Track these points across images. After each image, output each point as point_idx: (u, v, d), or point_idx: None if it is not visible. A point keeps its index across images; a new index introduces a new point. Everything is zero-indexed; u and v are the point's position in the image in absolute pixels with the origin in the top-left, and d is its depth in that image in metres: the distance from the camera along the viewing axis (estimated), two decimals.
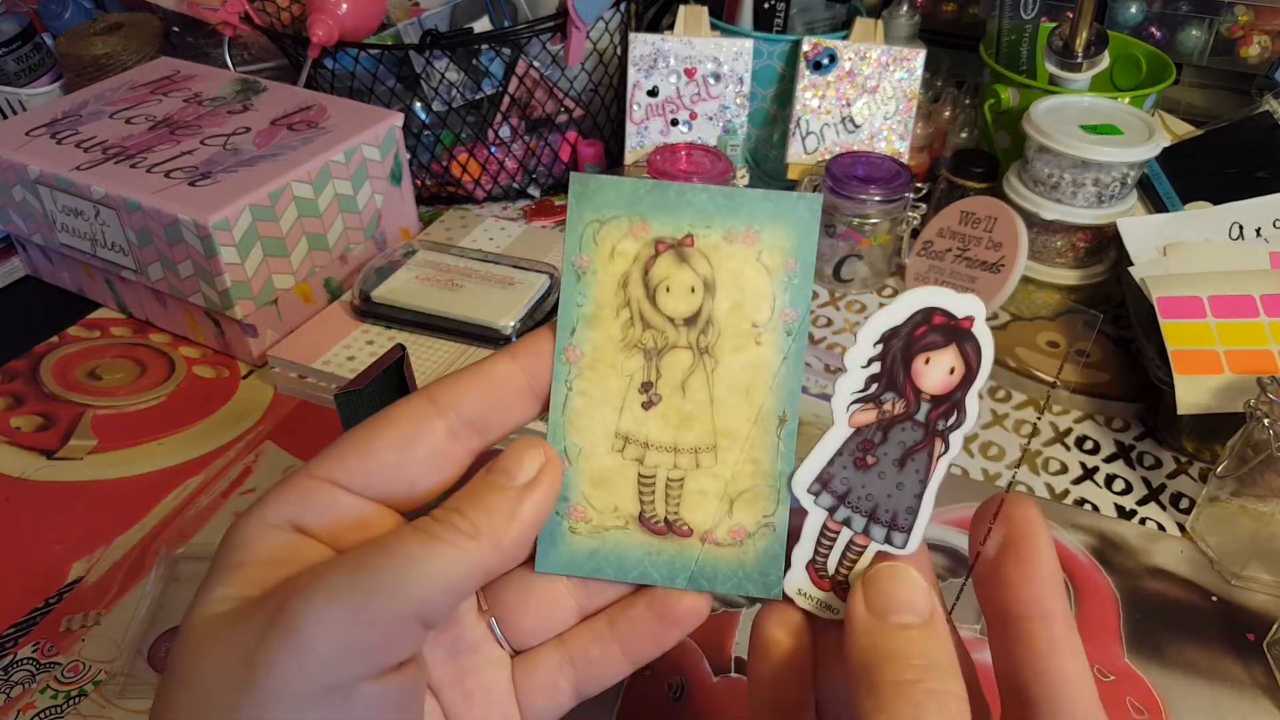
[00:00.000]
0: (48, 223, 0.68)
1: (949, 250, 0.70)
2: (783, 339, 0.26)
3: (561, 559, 0.27)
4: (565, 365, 0.27)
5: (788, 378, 0.27)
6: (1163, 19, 0.85)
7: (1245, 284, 0.58)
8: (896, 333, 0.25)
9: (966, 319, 0.25)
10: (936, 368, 0.25)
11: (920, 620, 0.24)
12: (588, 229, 0.26)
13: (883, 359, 0.26)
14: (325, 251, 0.68)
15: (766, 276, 0.26)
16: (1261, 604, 0.50)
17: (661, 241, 0.26)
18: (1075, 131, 0.65)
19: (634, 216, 0.26)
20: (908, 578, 0.25)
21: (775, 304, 0.26)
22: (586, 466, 0.27)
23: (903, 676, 0.23)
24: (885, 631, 0.24)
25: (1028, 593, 0.25)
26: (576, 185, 0.26)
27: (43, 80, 0.87)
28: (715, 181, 0.71)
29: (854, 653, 0.24)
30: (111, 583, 0.51)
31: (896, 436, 0.26)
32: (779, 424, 0.27)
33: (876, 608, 0.25)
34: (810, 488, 0.26)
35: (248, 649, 0.22)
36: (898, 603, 0.25)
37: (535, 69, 0.79)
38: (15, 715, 0.45)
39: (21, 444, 0.60)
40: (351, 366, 0.60)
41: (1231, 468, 0.51)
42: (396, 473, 0.25)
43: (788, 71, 0.78)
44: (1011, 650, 0.25)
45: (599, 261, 0.26)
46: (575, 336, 0.27)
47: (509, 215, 0.83)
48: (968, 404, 0.25)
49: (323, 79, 0.79)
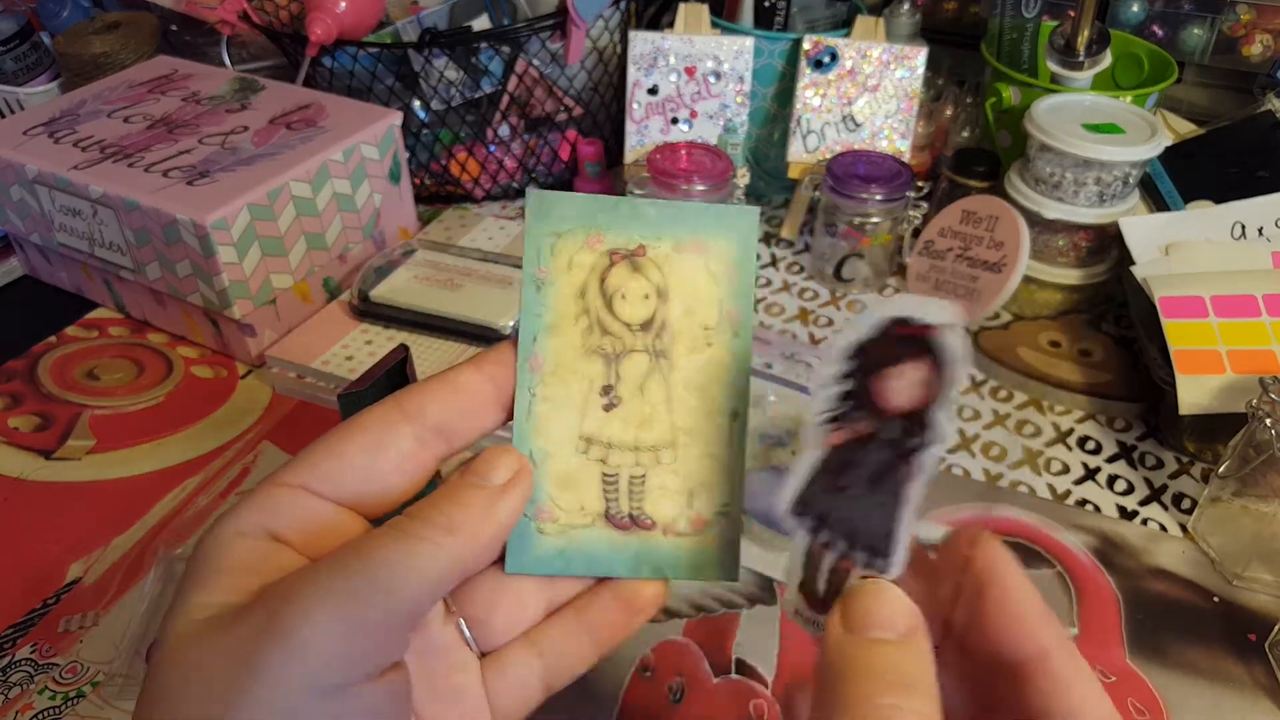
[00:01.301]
0: (46, 222, 0.68)
1: (950, 249, 0.70)
2: (731, 339, 0.28)
3: (531, 559, 0.28)
4: (529, 373, 0.28)
5: (738, 376, 0.28)
6: (1165, 18, 0.85)
7: (1247, 283, 0.57)
8: (865, 349, 0.24)
9: (936, 330, 0.24)
10: (906, 383, 0.24)
11: (897, 637, 0.23)
12: (545, 242, 0.28)
13: (852, 376, 0.25)
14: (324, 251, 0.67)
15: (714, 283, 0.28)
16: (1263, 604, 0.50)
17: (616, 252, 0.28)
18: (1077, 130, 0.65)
19: (589, 229, 0.28)
20: (888, 595, 0.24)
21: (722, 308, 0.28)
22: (552, 469, 0.28)
23: (873, 692, 0.22)
24: (859, 646, 0.23)
25: (1015, 635, 0.24)
26: (533, 201, 0.28)
27: (41, 79, 0.87)
28: (716, 180, 0.71)
29: (824, 666, 0.24)
30: (110, 583, 0.51)
31: (869, 457, 0.25)
32: (732, 419, 0.28)
33: (852, 623, 0.24)
34: (793, 510, 0.26)
35: (240, 655, 0.22)
36: (875, 619, 0.24)
37: (535, 67, 0.79)
38: (14, 716, 0.45)
39: (19, 444, 0.60)
40: (350, 366, 0.60)
41: (1233, 468, 0.51)
42: (366, 476, 0.26)
43: (788, 70, 0.77)
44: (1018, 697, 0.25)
45: (557, 272, 0.28)
46: (537, 344, 0.28)
47: (508, 214, 0.83)
48: (940, 420, 0.24)
49: (321, 78, 0.79)
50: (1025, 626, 0.25)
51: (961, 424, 0.61)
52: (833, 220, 0.72)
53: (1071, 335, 0.68)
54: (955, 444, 0.60)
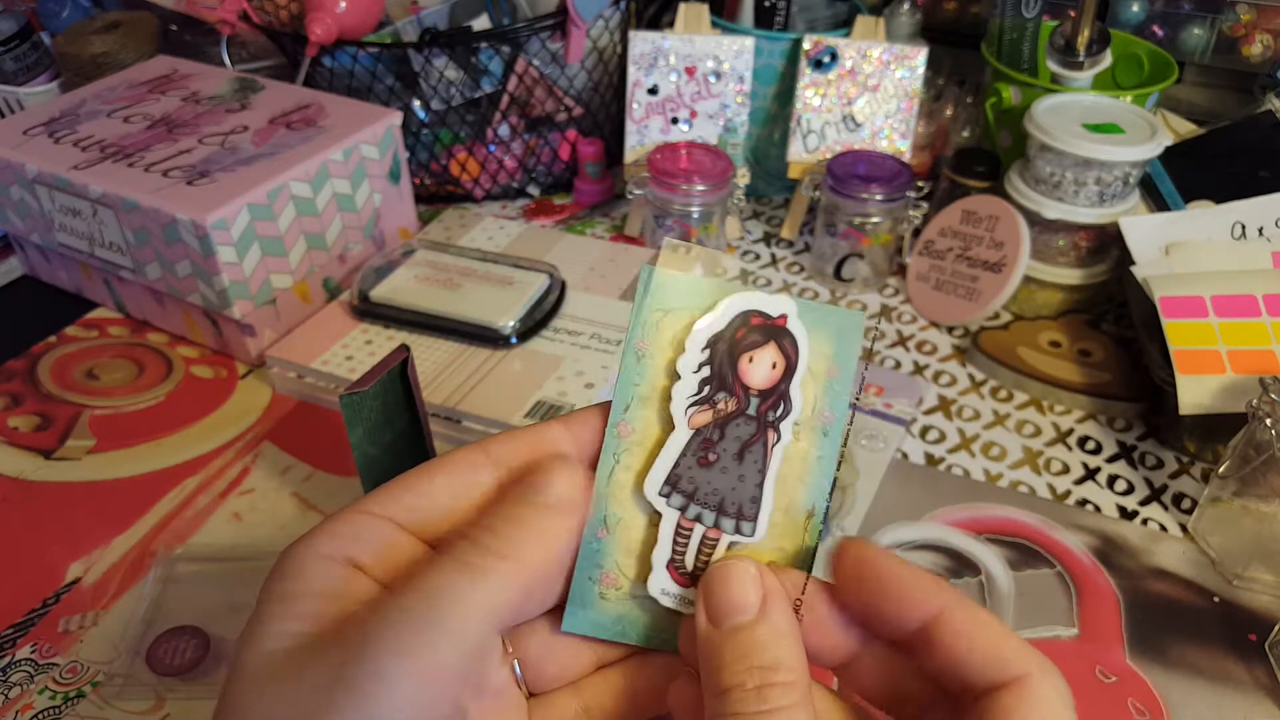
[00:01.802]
0: (45, 222, 0.68)
1: (950, 249, 0.70)
2: (820, 438, 0.28)
3: (589, 622, 0.28)
4: (616, 439, 0.28)
5: (820, 476, 0.28)
6: (1165, 18, 0.85)
7: (1248, 283, 0.57)
8: (721, 336, 0.28)
9: (781, 317, 0.28)
10: (760, 364, 0.28)
11: (752, 616, 0.25)
12: (652, 317, 0.28)
13: (711, 362, 0.28)
14: (324, 251, 0.67)
15: (810, 379, 0.28)
16: (1264, 605, 0.50)
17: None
18: (1077, 130, 0.65)
19: (698, 310, 0.28)
20: (735, 574, 0.26)
21: (816, 405, 0.28)
22: (624, 537, 0.28)
23: (743, 678, 0.24)
24: (723, 635, 0.25)
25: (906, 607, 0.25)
26: (646, 277, 0.28)
27: (40, 79, 0.87)
28: (715, 180, 0.71)
29: (700, 659, 0.25)
30: (109, 583, 0.51)
31: (733, 432, 0.28)
32: (807, 517, 0.28)
33: (714, 615, 0.26)
34: (660, 490, 0.28)
35: (314, 704, 0.22)
36: (731, 605, 0.25)
37: (535, 67, 0.79)
38: (14, 716, 0.45)
39: (19, 444, 0.60)
40: (350, 366, 0.60)
41: (1234, 468, 0.51)
42: (448, 515, 0.26)
43: (789, 70, 0.77)
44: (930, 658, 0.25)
45: (658, 348, 0.28)
46: (629, 413, 0.28)
47: (508, 214, 0.83)
48: (792, 394, 0.28)
49: (321, 77, 0.79)
50: (914, 595, 0.25)
51: (961, 424, 0.61)
52: (833, 220, 0.72)
53: (1071, 335, 0.68)
54: (955, 444, 0.60)
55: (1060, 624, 0.49)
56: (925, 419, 0.62)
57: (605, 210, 0.83)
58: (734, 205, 0.74)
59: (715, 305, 0.28)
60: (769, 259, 0.78)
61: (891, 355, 0.67)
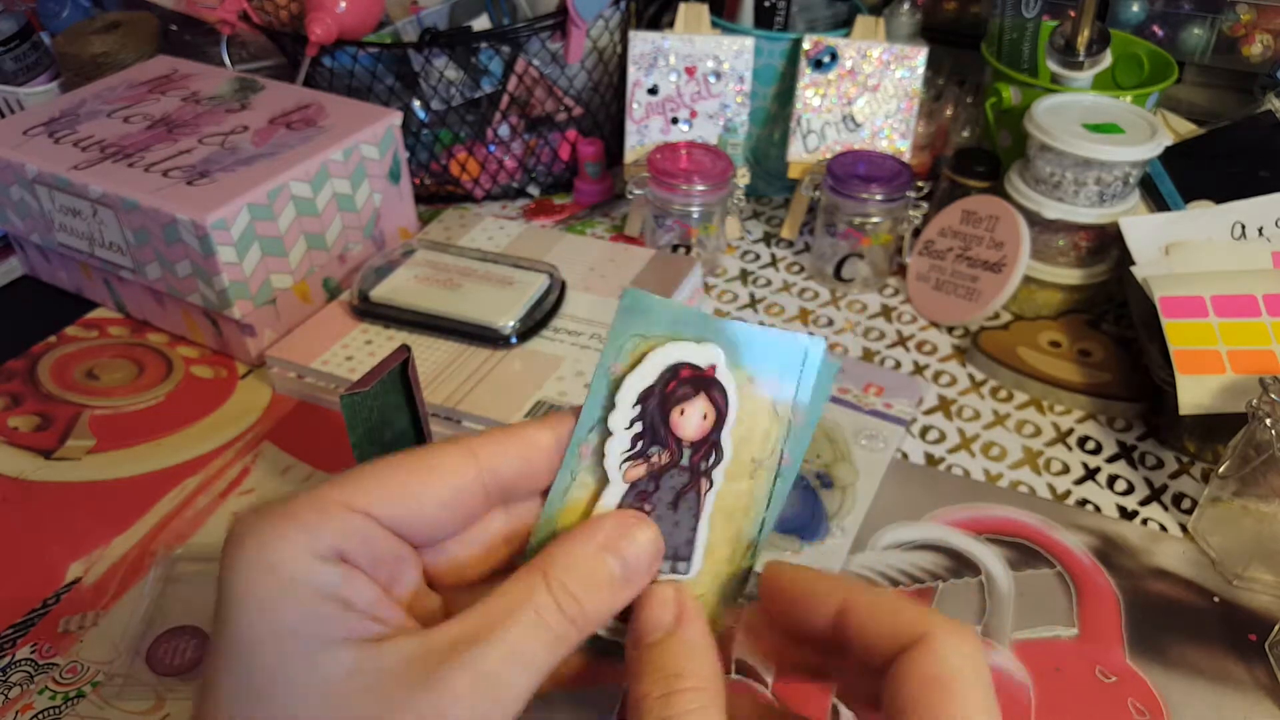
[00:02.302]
0: (45, 222, 0.68)
1: (950, 249, 0.70)
2: (771, 479, 0.29)
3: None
4: (577, 457, 0.28)
5: (768, 512, 0.30)
6: (1165, 18, 0.85)
7: (1248, 283, 0.57)
8: (651, 391, 0.28)
9: (710, 367, 0.28)
10: (691, 416, 0.28)
11: (664, 634, 0.27)
12: (628, 342, 0.28)
13: (642, 418, 0.28)
14: (324, 251, 0.67)
15: (776, 424, 0.29)
16: (1264, 605, 0.50)
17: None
18: (1077, 130, 0.65)
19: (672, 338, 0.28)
20: (655, 599, 0.28)
21: (776, 448, 0.29)
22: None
23: (653, 689, 0.26)
24: (643, 652, 0.27)
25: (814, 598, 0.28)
26: (628, 300, 0.28)
27: (40, 79, 0.87)
28: (715, 180, 0.71)
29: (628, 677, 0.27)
30: (110, 583, 0.51)
31: (667, 483, 0.28)
32: (748, 546, 0.30)
33: (635, 637, 0.28)
34: None
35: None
36: (648, 625, 0.27)
37: (535, 67, 0.79)
38: (14, 716, 0.45)
39: (19, 444, 0.60)
40: (350, 366, 0.60)
41: (1234, 468, 0.51)
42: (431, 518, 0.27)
43: (789, 70, 0.77)
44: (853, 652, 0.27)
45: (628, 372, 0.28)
46: (591, 435, 0.28)
47: (508, 214, 0.83)
48: (723, 443, 0.28)
49: (321, 77, 0.79)
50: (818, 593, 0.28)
51: (961, 424, 0.61)
52: (833, 220, 0.72)
53: (1071, 335, 0.68)
54: (955, 444, 0.60)
55: (1060, 624, 0.49)
56: (925, 419, 0.62)
57: (605, 210, 0.83)
58: (734, 205, 0.74)
59: (643, 360, 0.28)
60: (769, 259, 0.78)
61: (891, 355, 0.67)
